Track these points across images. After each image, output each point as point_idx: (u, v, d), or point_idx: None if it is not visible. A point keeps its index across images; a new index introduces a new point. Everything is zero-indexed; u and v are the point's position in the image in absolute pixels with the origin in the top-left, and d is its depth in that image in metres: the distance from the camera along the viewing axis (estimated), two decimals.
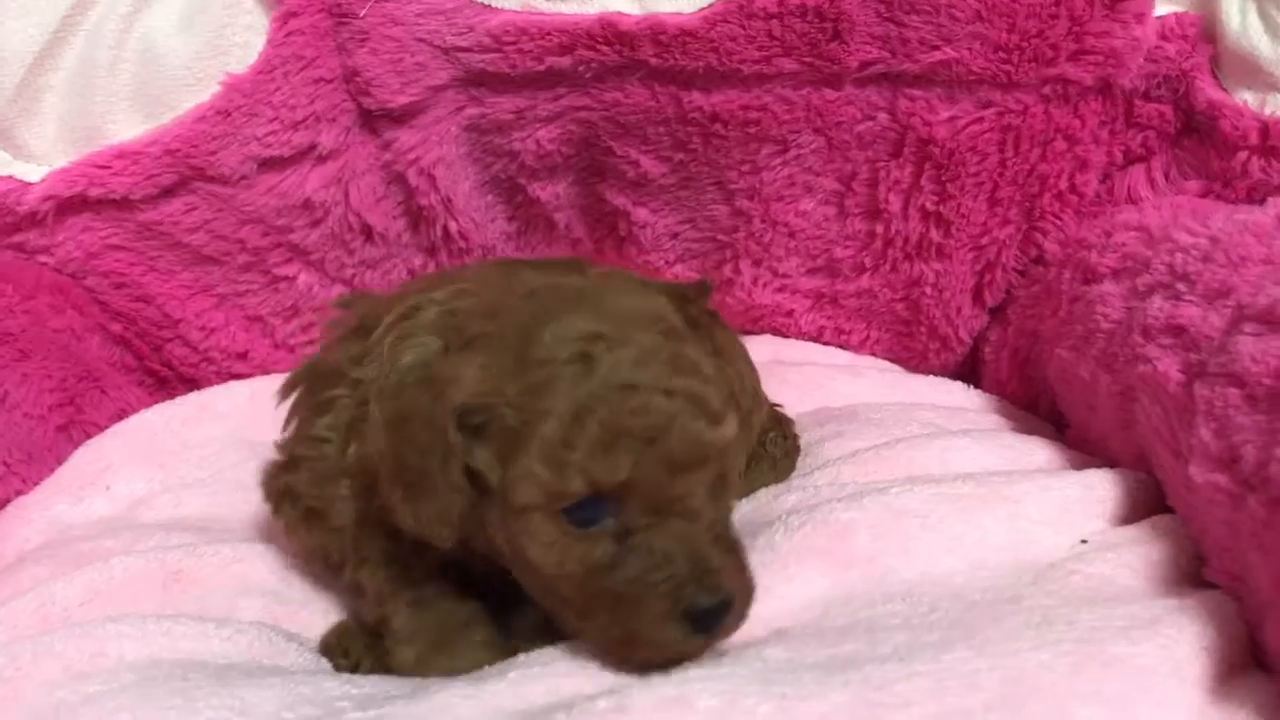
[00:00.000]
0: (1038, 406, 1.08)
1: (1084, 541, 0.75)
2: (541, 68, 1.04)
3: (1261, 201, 0.93)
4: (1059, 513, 0.76)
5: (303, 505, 0.76)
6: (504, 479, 0.63)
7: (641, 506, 0.61)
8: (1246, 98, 1.01)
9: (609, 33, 1.02)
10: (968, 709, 0.55)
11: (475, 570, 0.71)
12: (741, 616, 0.63)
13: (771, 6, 1.01)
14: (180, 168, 1.02)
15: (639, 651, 0.61)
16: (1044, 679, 0.57)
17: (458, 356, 0.65)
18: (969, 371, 1.19)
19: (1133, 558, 0.71)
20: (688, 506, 0.62)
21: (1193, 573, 0.71)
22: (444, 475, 0.63)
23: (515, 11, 1.04)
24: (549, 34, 1.03)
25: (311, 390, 0.77)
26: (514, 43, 1.03)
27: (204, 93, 1.03)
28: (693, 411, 0.61)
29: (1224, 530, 0.67)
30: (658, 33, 1.02)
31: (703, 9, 1.02)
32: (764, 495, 0.85)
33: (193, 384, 1.16)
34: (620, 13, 1.03)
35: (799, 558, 0.72)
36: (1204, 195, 1.02)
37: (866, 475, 0.85)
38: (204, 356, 1.14)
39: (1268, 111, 1.00)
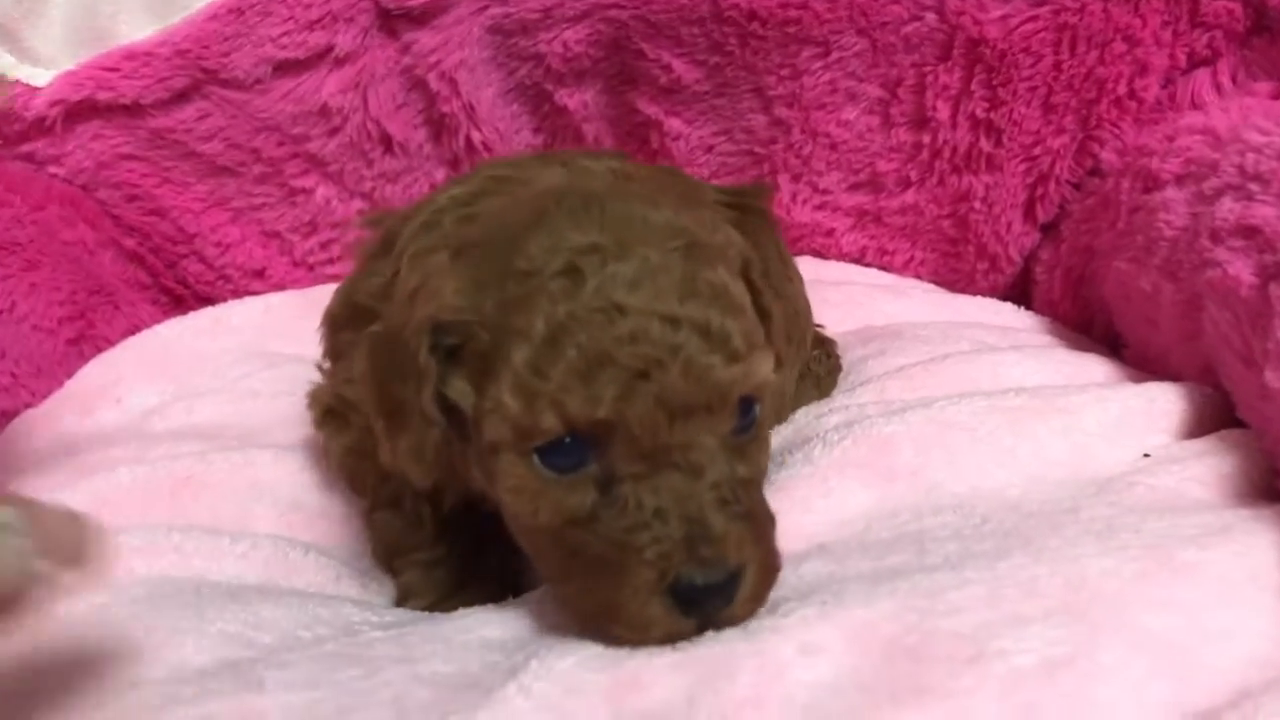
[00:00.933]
0: (1091, 328, 1.03)
1: (1146, 455, 0.70)
2: None
3: None
4: (1118, 425, 0.72)
5: (347, 438, 0.71)
6: (476, 410, 0.54)
7: (631, 452, 0.51)
8: None
9: None
10: (1025, 615, 0.51)
11: (492, 520, 0.63)
12: (756, 599, 0.52)
13: None
14: (192, 70, 0.99)
15: (617, 628, 0.51)
16: (1108, 585, 0.53)
17: (447, 267, 0.56)
18: (1019, 294, 1.13)
19: (1201, 470, 0.66)
20: (690, 459, 0.51)
21: (1266, 487, 0.66)
22: (417, 404, 0.55)
23: None
24: None
25: (353, 325, 0.68)
26: None
27: None
28: (703, 345, 0.51)
29: None
30: None
31: None
32: (803, 415, 0.80)
33: (208, 303, 1.12)
34: None
35: (838, 470, 0.67)
36: (1275, 98, 0.95)
37: (914, 391, 0.81)
38: (220, 274, 1.11)
39: None
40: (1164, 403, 0.74)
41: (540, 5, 1.02)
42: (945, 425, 0.70)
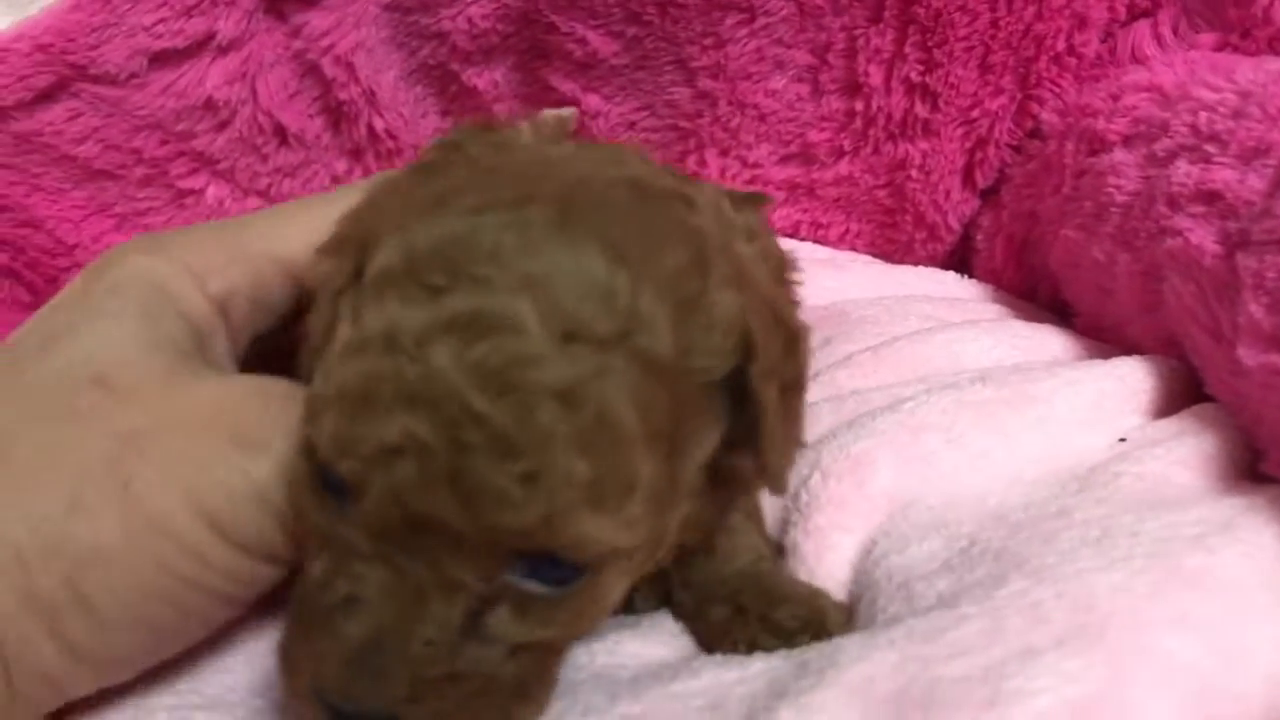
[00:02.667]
0: (1036, 295, 1.00)
1: (1122, 440, 0.66)
2: None
3: None
4: (1092, 410, 0.68)
5: None
6: None
7: (366, 525, 0.40)
8: None
9: None
10: (1035, 647, 0.46)
11: None
12: None
13: None
14: (57, 66, 0.88)
15: (285, 685, 0.42)
16: (1120, 602, 0.48)
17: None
18: (958, 263, 1.10)
19: (1185, 452, 0.63)
20: (417, 580, 0.39)
21: (1248, 466, 0.63)
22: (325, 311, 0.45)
23: None
24: None
25: None
26: None
27: None
28: (496, 465, 0.37)
29: None
30: None
31: None
32: None
33: None
34: None
35: (820, 528, 0.61)
36: (1219, 49, 0.92)
37: (866, 380, 0.76)
38: None
39: None
40: (1134, 381, 0.70)
41: None
42: (917, 429, 0.65)
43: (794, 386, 0.49)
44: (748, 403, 0.45)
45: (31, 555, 0.41)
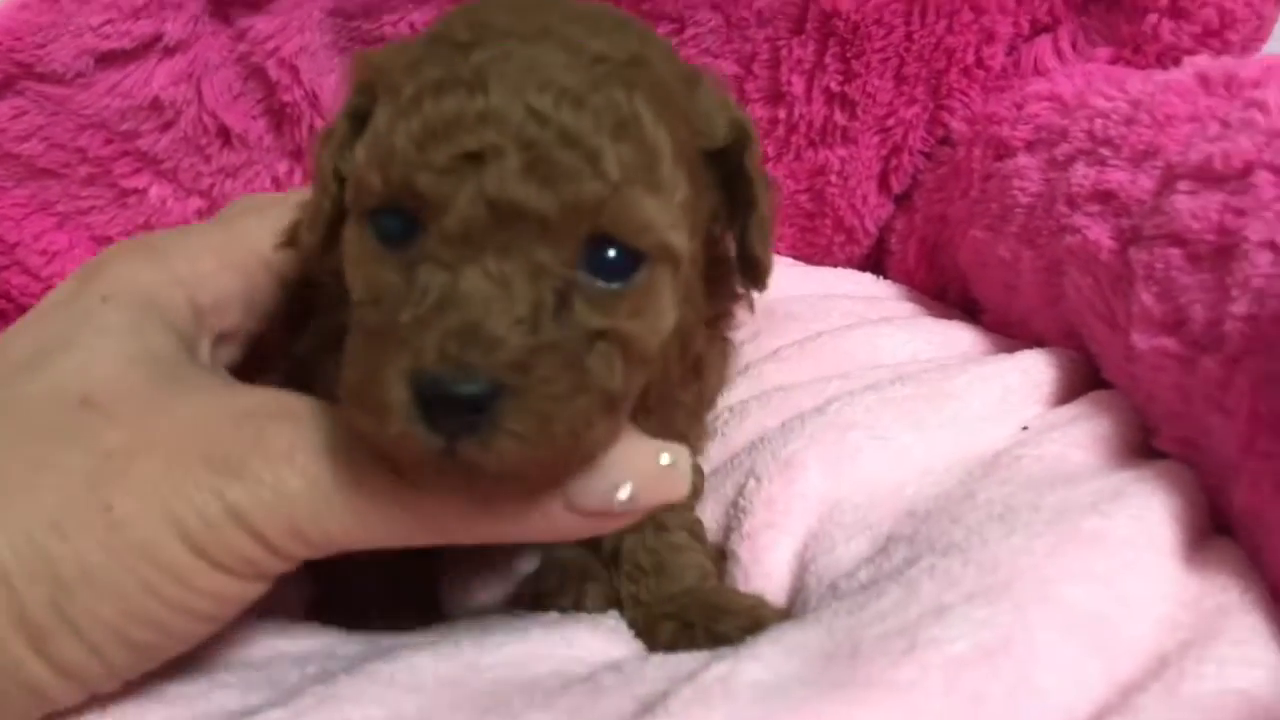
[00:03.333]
0: (946, 295, 1.05)
1: (1024, 429, 0.72)
2: None
3: (1176, 64, 0.91)
4: (999, 403, 0.73)
5: None
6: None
7: (446, 238, 0.44)
8: None
9: None
10: (947, 604, 0.50)
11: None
12: (527, 446, 0.42)
13: None
14: (3, 64, 0.90)
15: (359, 413, 0.43)
16: (1023, 562, 0.53)
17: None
18: (874, 265, 1.15)
19: (1079, 434, 0.68)
20: (504, 268, 0.43)
21: (1139, 445, 0.68)
22: (327, 167, 0.50)
23: None
24: None
25: None
26: None
27: None
28: (563, 151, 0.43)
29: (1174, 396, 0.65)
30: None
31: None
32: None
33: None
34: None
35: (753, 539, 0.65)
36: (1113, 62, 0.98)
37: (793, 374, 0.80)
38: (47, 285, 1.01)
39: None
40: (1036, 374, 0.76)
41: None
42: (844, 428, 0.69)
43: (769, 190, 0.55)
44: (734, 190, 0.52)
45: (16, 577, 0.41)
